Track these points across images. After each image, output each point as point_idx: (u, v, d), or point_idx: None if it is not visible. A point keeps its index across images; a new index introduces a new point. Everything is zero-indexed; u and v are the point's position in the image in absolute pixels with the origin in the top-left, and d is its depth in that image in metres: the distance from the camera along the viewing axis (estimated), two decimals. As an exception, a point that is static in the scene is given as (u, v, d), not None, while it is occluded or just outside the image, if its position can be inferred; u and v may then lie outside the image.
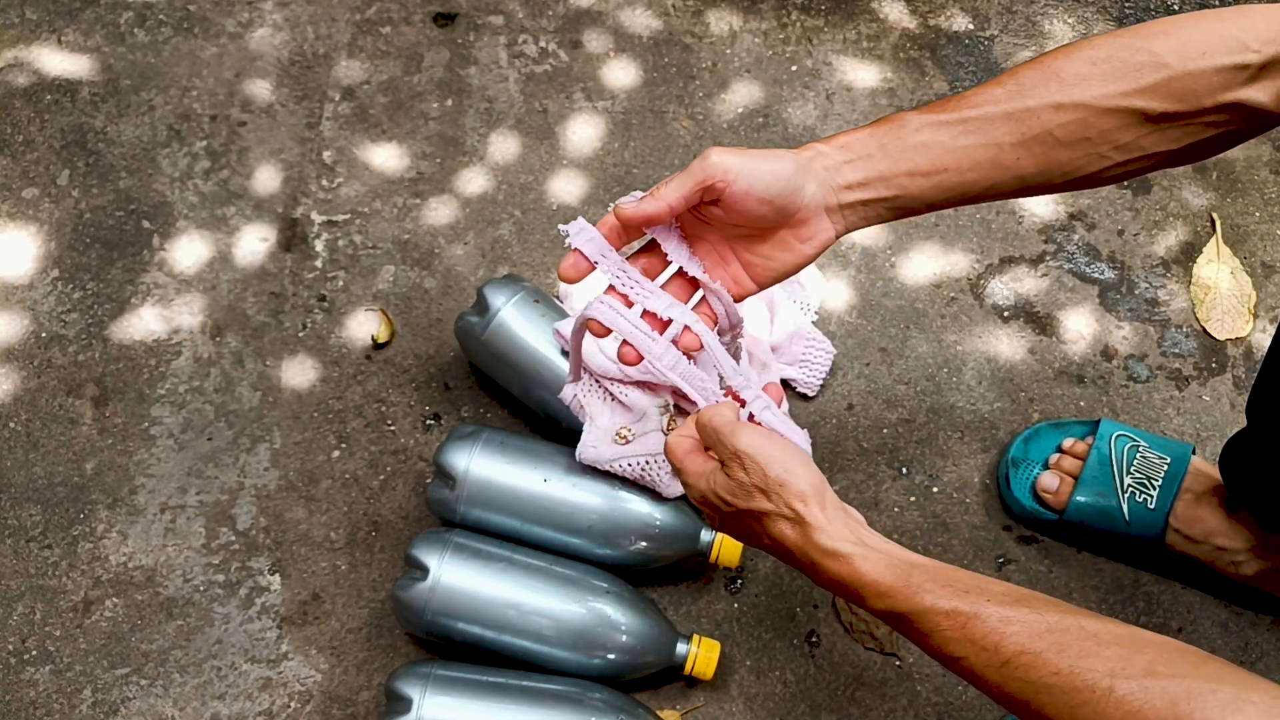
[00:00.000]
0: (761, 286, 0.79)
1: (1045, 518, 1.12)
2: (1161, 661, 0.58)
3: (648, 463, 1.04)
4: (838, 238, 0.78)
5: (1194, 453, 1.11)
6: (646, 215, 0.73)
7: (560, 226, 0.77)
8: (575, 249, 0.76)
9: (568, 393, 1.06)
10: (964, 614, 0.64)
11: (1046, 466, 1.14)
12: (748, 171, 0.72)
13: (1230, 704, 0.55)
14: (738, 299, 0.79)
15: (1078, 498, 1.09)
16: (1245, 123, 0.74)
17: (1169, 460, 1.09)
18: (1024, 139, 0.74)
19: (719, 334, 0.80)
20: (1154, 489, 1.08)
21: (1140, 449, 1.10)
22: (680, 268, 0.78)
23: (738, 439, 0.73)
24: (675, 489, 1.06)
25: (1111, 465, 1.10)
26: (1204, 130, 0.74)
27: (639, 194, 0.75)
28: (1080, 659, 0.60)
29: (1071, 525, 1.11)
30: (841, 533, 0.71)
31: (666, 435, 1.06)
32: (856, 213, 0.77)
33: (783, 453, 0.72)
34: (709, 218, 0.76)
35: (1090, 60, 0.73)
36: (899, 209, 0.77)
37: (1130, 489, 1.08)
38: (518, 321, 1.11)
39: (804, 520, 0.71)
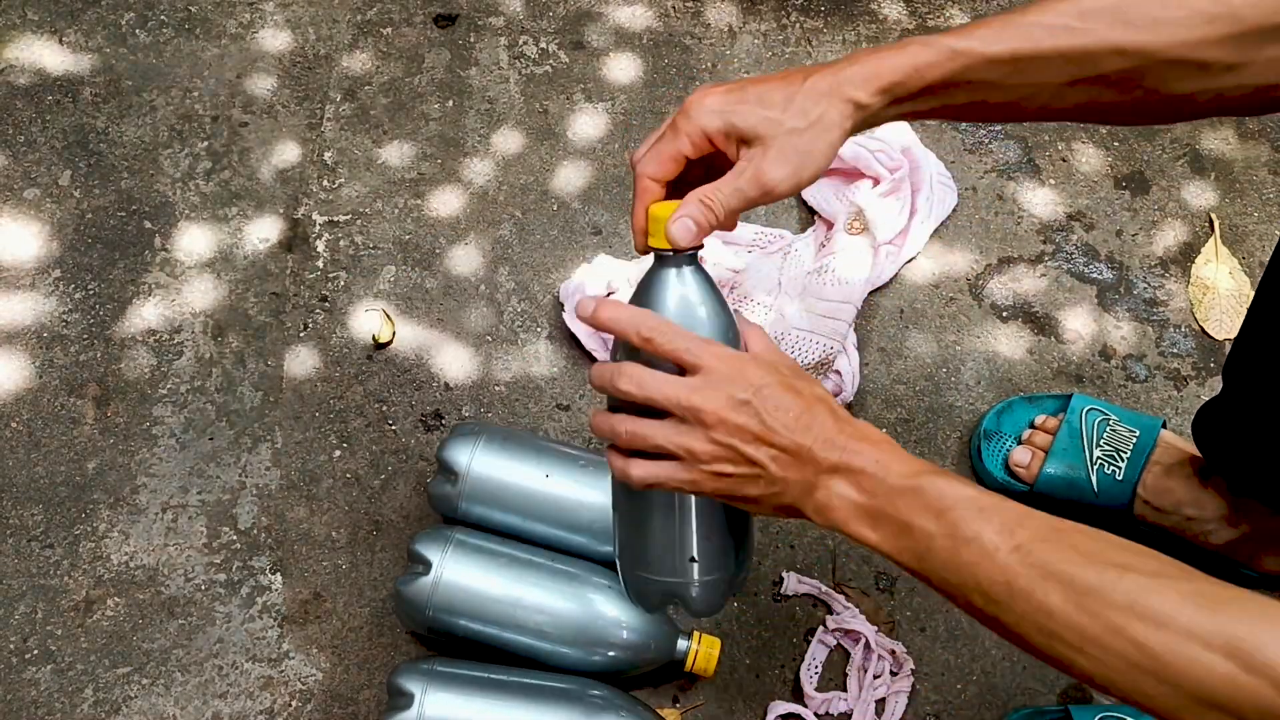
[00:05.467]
0: None
1: (1016, 490, 1.13)
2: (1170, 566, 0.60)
3: None
4: None
5: (1164, 426, 1.12)
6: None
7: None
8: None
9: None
10: (985, 498, 0.65)
11: (1018, 440, 1.15)
12: (804, 179, 0.70)
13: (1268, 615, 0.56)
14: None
15: (1047, 469, 1.11)
16: None
17: (1138, 433, 1.11)
18: (1074, 80, 0.69)
19: None
20: (1122, 461, 1.09)
21: (1110, 423, 1.12)
22: None
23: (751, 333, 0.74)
24: None
25: (1081, 438, 1.11)
26: (1267, 89, 0.69)
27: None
28: (1096, 553, 0.61)
29: (1041, 497, 1.12)
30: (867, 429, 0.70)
31: None
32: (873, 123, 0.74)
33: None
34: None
35: (1161, 3, 0.67)
36: (911, 117, 0.75)
37: (1099, 461, 1.10)
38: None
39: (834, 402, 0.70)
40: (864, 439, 0.68)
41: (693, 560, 0.75)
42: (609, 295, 1.21)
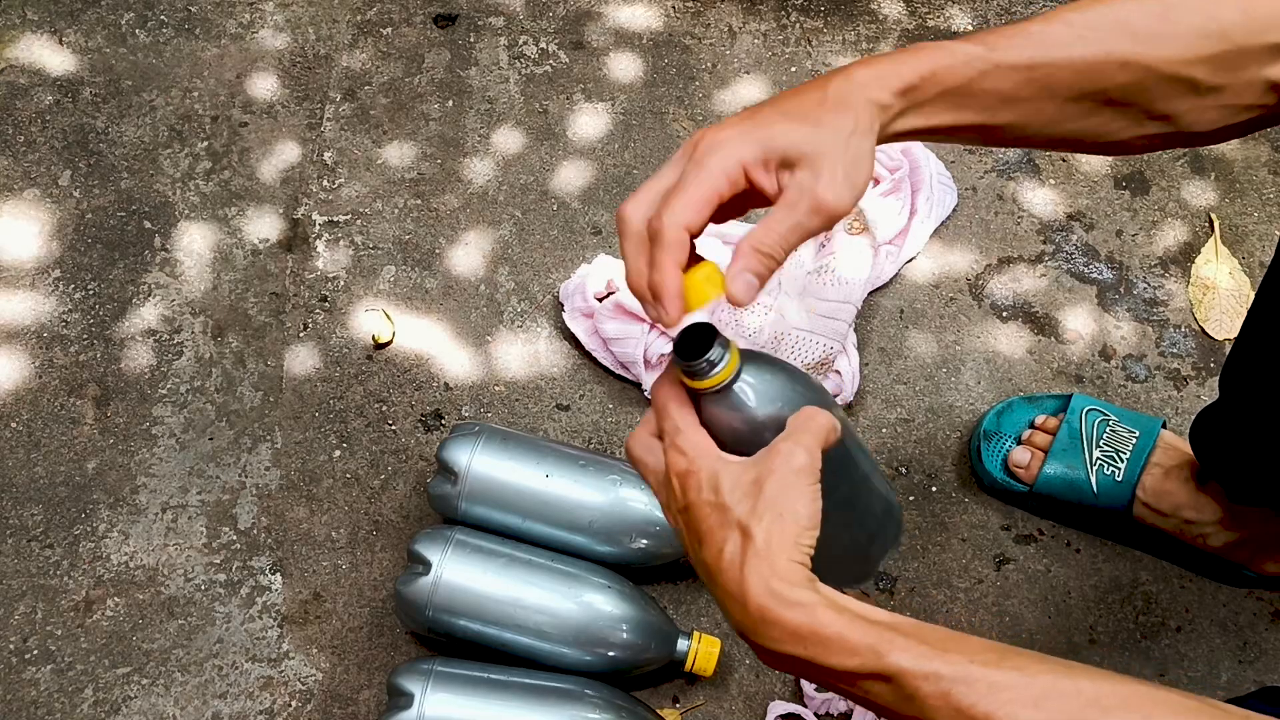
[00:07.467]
0: None
1: (1016, 490, 1.14)
2: None
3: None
4: None
5: (1164, 426, 1.12)
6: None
7: None
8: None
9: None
10: (946, 678, 0.55)
11: (1018, 440, 1.15)
12: (860, 192, 0.62)
13: None
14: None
15: (1046, 470, 1.11)
16: (1275, 106, 0.68)
17: (1138, 434, 1.11)
18: (1079, 94, 0.66)
19: None
20: (1121, 462, 1.10)
21: (1110, 423, 1.12)
22: None
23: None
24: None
25: (1081, 439, 1.12)
26: (1237, 113, 0.68)
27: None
28: None
29: (1040, 497, 1.13)
30: (799, 577, 0.58)
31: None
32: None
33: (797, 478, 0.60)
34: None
35: (1161, 17, 0.65)
36: (923, 134, 0.69)
37: (1099, 462, 1.10)
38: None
39: (765, 547, 0.57)
40: (784, 635, 0.57)
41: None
42: (609, 295, 1.21)
